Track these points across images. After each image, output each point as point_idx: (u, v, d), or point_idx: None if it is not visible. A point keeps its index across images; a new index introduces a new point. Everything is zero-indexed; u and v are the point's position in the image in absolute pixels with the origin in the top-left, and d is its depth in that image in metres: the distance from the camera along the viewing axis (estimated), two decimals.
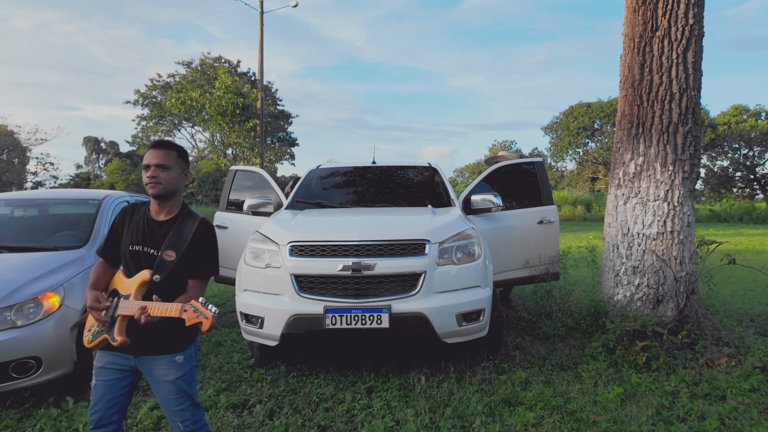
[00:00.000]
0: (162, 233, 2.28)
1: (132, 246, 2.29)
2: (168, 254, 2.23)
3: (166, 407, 2.30)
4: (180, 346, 2.31)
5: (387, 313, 3.72)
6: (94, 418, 2.27)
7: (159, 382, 2.29)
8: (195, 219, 2.33)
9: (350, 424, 3.35)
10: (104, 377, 2.29)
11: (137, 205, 2.44)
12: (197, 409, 2.34)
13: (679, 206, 5.04)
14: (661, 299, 5.06)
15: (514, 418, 3.36)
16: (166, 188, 2.27)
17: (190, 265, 2.28)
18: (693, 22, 5.04)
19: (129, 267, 2.29)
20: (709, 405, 3.53)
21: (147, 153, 2.28)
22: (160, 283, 2.19)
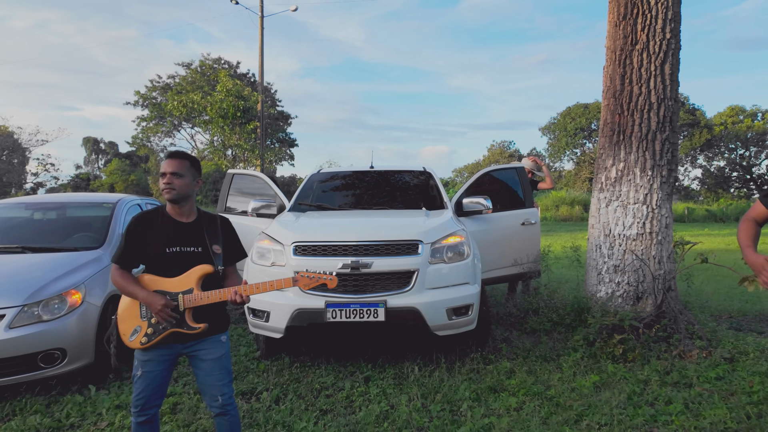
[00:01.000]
0: (196, 233, 2.62)
1: (169, 248, 2.58)
2: (216, 248, 2.59)
3: (209, 383, 2.61)
4: (222, 327, 2.67)
5: (383, 307, 4.06)
6: (140, 404, 2.58)
7: (204, 360, 2.60)
8: (215, 217, 2.71)
9: (349, 409, 3.69)
10: (150, 368, 2.59)
11: (150, 213, 2.70)
12: (232, 386, 2.68)
13: (657, 209, 5.38)
14: (641, 296, 5.40)
15: (498, 403, 3.70)
16: (179, 193, 2.60)
17: (228, 255, 2.67)
18: (670, 37, 5.38)
19: (165, 268, 2.57)
20: (676, 392, 3.87)
21: (163, 162, 2.61)
22: (215, 273, 2.59)
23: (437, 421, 3.40)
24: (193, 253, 2.59)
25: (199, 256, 2.59)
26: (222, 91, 18.96)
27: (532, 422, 3.37)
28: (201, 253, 2.59)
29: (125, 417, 3.53)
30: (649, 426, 3.35)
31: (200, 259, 2.58)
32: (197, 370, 2.65)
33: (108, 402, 3.80)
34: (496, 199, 5.86)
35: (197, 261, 2.58)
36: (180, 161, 2.61)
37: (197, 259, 2.58)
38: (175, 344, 2.59)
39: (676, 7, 5.46)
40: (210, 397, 2.63)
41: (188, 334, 2.55)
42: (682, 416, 3.44)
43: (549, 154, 51.84)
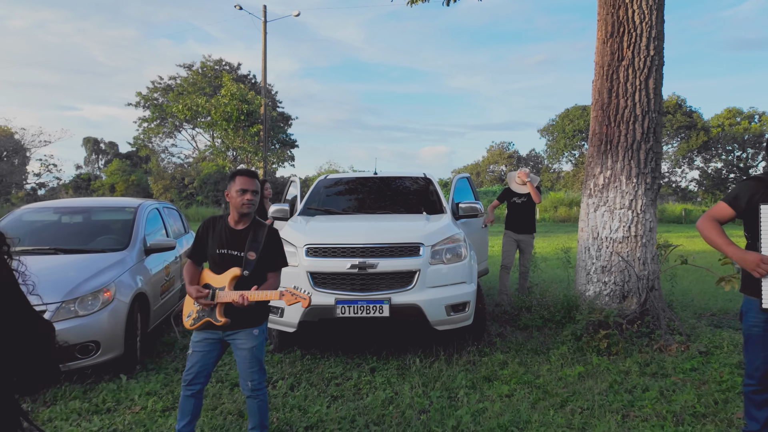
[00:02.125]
0: (242, 239, 3.03)
1: (219, 250, 3.03)
2: (250, 255, 2.99)
3: (242, 369, 3.05)
4: (256, 322, 3.08)
5: (387, 304, 4.47)
6: (189, 378, 3.02)
7: (239, 349, 3.04)
8: (264, 226, 3.10)
9: (357, 395, 4.08)
10: (200, 348, 3.05)
11: (216, 218, 3.18)
12: (263, 374, 3.09)
13: (642, 213, 5.78)
14: (627, 295, 5.80)
15: (492, 390, 4.10)
16: (255, 209, 3.05)
17: (267, 262, 3.05)
18: (653, 54, 5.79)
19: (217, 265, 3.04)
20: (654, 381, 4.27)
21: (241, 179, 3.00)
22: (246, 276, 2.96)
23: (436, 405, 3.80)
24: (234, 256, 3.01)
25: (239, 259, 3.00)
26: (226, 95, 19.38)
27: (521, 407, 3.77)
28: (240, 257, 3.00)
29: (156, 402, 3.93)
30: (627, 410, 3.75)
31: (239, 262, 2.99)
32: (236, 357, 3.09)
33: (139, 389, 4.19)
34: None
35: (237, 263, 2.98)
36: (255, 180, 3.04)
37: (237, 261, 2.99)
38: (217, 331, 3.00)
39: (660, 26, 5.86)
40: (243, 381, 3.05)
41: (218, 325, 2.96)
42: (657, 402, 3.85)
43: (547, 155, 52.27)
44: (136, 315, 4.86)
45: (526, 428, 3.43)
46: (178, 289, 6.13)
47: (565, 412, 3.70)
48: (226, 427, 3.51)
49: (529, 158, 59.37)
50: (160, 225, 6.24)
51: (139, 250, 5.34)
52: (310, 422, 3.57)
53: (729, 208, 3.01)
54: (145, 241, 5.48)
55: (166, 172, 43.69)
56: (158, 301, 5.47)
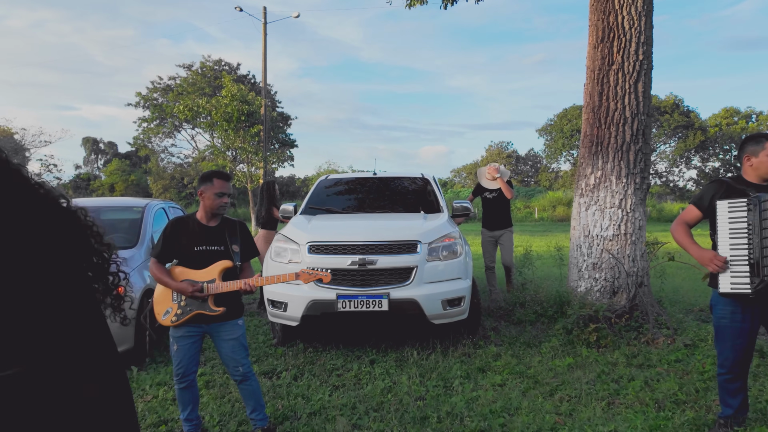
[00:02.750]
0: (218, 235, 3.26)
1: (196, 247, 3.23)
2: (234, 248, 3.21)
3: (230, 358, 3.26)
4: (239, 313, 3.30)
5: (386, 299, 4.68)
6: (180, 372, 3.22)
7: (225, 340, 3.25)
8: (235, 222, 3.35)
9: (358, 385, 4.30)
10: (184, 342, 3.24)
11: (183, 218, 3.37)
12: (249, 359, 3.31)
13: (631, 212, 6.00)
14: (616, 291, 6.02)
15: (486, 380, 4.32)
16: (227, 208, 3.27)
17: (244, 253, 3.29)
18: (642, 58, 6.00)
19: (194, 262, 3.23)
20: (639, 371, 4.49)
21: (219, 182, 3.23)
22: (232, 267, 3.20)
23: (432, 393, 4.02)
24: (214, 251, 3.23)
25: (221, 253, 3.23)
26: (227, 96, 19.60)
27: (512, 394, 3.99)
28: (222, 251, 3.22)
29: (167, 392, 4.15)
30: (612, 398, 3.97)
31: (221, 256, 3.22)
32: (220, 348, 3.29)
33: (149, 380, 4.41)
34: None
35: (219, 257, 3.21)
36: (227, 183, 3.26)
37: (219, 255, 3.22)
38: (201, 324, 3.23)
39: (648, 32, 6.08)
40: (233, 369, 3.27)
41: (210, 316, 3.18)
42: (641, 390, 4.06)
43: (546, 155, 52.48)
44: (146, 310, 5.07)
45: (517, 414, 3.65)
46: None
47: (554, 400, 3.91)
48: (234, 413, 3.72)
49: (528, 158, 59.58)
50: None
51: (147, 248, 5.55)
52: (313, 409, 3.78)
53: (695, 208, 3.27)
54: (153, 239, 5.69)
55: (166, 172, 43.86)
56: None
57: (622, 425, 3.43)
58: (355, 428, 3.46)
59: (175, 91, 39.35)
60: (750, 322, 3.11)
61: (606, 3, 6.07)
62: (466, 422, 3.51)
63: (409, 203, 6.50)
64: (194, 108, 20.91)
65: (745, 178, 3.19)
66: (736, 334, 3.15)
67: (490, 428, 3.43)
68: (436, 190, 6.57)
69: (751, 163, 3.16)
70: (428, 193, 6.58)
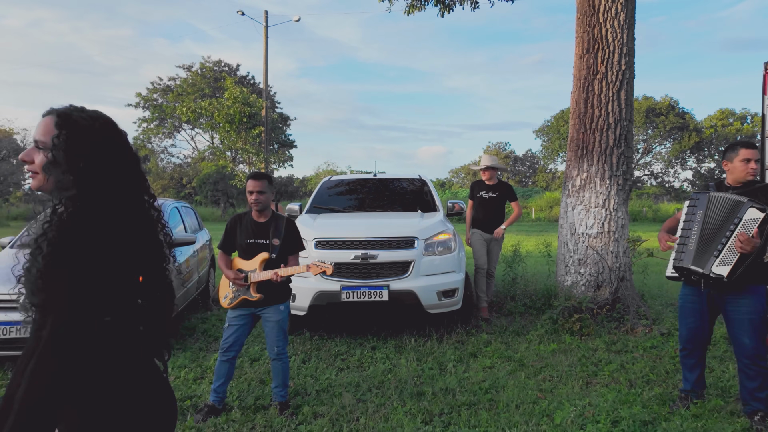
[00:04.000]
0: (265, 229, 3.71)
1: (247, 240, 3.72)
2: (275, 241, 3.66)
3: (270, 337, 3.73)
4: (282, 299, 3.77)
5: (386, 290, 5.12)
6: (226, 346, 3.70)
7: (268, 321, 3.73)
8: (283, 219, 3.80)
9: (361, 368, 4.73)
10: (236, 322, 3.73)
11: (242, 215, 3.88)
12: (287, 342, 3.79)
13: (614, 212, 6.44)
14: (600, 284, 6.46)
15: (477, 364, 4.76)
16: (263, 205, 3.73)
17: (288, 246, 3.74)
18: (625, 68, 6.45)
19: (246, 253, 3.73)
20: (617, 356, 4.93)
21: (249, 182, 3.69)
22: (273, 259, 3.67)
23: (428, 373, 4.46)
24: (261, 244, 3.68)
25: (265, 246, 3.66)
26: (230, 98, 20.04)
27: (500, 375, 4.43)
28: (266, 244, 3.67)
29: (188, 373, 4.57)
30: (590, 378, 4.41)
31: (265, 248, 3.66)
32: (265, 328, 3.77)
33: (170, 364, 4.83)
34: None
35: (264, 249, 3.67)
36: (261, 181, 3.69)
37: (263, 248, 3.67)
38: (249, 308, 3.67)
39: (630, 44, 6.53)
40: (270, 347, 3.73)
41: (252, 301, 3.62)
42: (616, 371, 4.51)
43: (543, 156, 52.97)
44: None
45: (503, 390, 4.09)
46: (196, 280, 6.77)
47: (537, 379, 4.35)
48: (250, 390, 4.15)
49: (526, 158, 60.06)
50: (178, 222, 6.88)
51: None
52: (321, 387, 4.21)
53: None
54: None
55: (165, 172, 44.25)
56: (181, 290, 6.10)
57: (596, 399, 3.87)
58: (360, 402, 3.90)
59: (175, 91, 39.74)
60: (701, 305, 3.56)
61: (591, 17, 6.52)
62: (457, 397, 3.95)
63: (407, 203, 6.94)
64: (197, 110, 21.33)
65: (725, 183, 3.64)
66: (689, 314, 3.62)
67: (479, 402, 3.87)
68: (432, 191, 7.01)
69: (728, 168, 3.61)
70: (425, 193, 7.02)
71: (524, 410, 3.70)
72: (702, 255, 3.48)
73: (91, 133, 1.45)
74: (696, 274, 3.50)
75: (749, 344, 3.46)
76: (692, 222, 3.55)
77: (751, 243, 3.26)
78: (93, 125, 1.46)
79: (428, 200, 6.85)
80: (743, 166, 3.52)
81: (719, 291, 3.50)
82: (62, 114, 1.45)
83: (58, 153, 1.40)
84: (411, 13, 9.17)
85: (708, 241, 3.47)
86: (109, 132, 1.50)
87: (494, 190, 6.69)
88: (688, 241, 3.56)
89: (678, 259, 3.58)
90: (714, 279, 3.42)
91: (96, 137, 1.46)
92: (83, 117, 1.47)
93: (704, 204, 3.50)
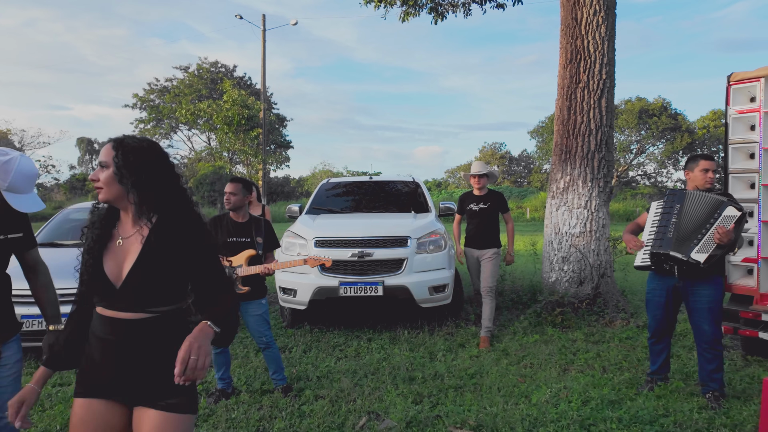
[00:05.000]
0: (246, 229, 4.09)
1: (229, 238, 4.07)
2: (258, 239, 4.03)
3: (255, 330, 4.08)
4: (262, 294, 4.12)
5: (381, 285, 5.52)
6: None
7: (252, 315, 4.07)
8: (261, 219, 4.17)
9: (357, 357, 5.12)
10: None
11: (220, 216, 4.23)
12: (270, 331, 4.14)
13: (595, 212, 6.86)
14: (583, 281, 6.87)
15: (464, 353, 5.16)
16: (234, 205, 4.11)
17: (268, 244, 4.13)
18: (605, 78, 6.86)
19: (227, 250, 4.05)
20: (594, 346, 5.34)
21: (227, 184, 4.10)
22: (257, 255, 4.03)
23: (420, 361, 4.86)
24: (243, 242, 4.07)
25: (246, 244, 4.06)
26: (228, 101, 20.43)
27: (485, 362, 4.83)
28: (249, 242, 4.06)
29: None
30: (567, 365, 4.81)
31: (248, 246, 4.06)
32: (247, 322, 4.10)
33: None
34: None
35: (246, 247, 4.06)
36: (235, 185, 4.08)
37: (246, 246, 4.06)
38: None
39: (611, 54, 6.95)
40: (258, 339, 4.10)
41: (240, 295, 4.00)
42: (592, 359, 4.92)
43: (538, 156, 53.45)
44: None
45: (487, 376, 4.49)
46: None
47: (519, 366, 4.76)
48: (257, 376, 4.54)
49: (521, 159, 60.52)
50: None
51: None
52: (321, 373, 4.61)
53: (645, 213, 4.15)
54: None
55: None
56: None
57: (571, 383, 4.28)
58: (356, 386, 4.29)
59: (172, 92, 40.01)
60: (666, 298, 3.97)
61: (574, 29, 6.93)
62: (445, 381, 4.35)
63: (401, 204, 7.34)
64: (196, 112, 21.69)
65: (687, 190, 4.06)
66: (656, 306, 4.02)
67: (465, 385, 4.27)
68: (424, 192, 7.42)
69: (689, 177, 4.04)
70: (418, 195, 7.42)
71: (505, 392, 4.11)
72: (682, 243, 3.85)
73: (140, 152, 1.84)
74: (673, 260, 3.87)
75: (709, 330, 3.87)
76: (670, 214, 3.93)
77: (728, 235, 3.67)
78: (141, 146, 1.85)
79: (421, 201, 7.25)
80: (702, 175, 3.94)
81: (688, 279, 3.89)
82: (117, 140, 1.85)
83: (117, 168, 1.79)
84: (406, 20, 9.58)
85: (687, 230, 3.85)
86: (155, 151, 1.89)
87: (485, 200, 5.90)
88: (667, 231, 3.92)
89: (657, 245, 3.92)
90: (689, 265, 3.80)
91: (145, 156, 1.85)
92: (133, 140, 1.87)
93: (682, 199, 3.90)
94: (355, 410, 3.81)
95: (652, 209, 4.11)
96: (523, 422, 3.51)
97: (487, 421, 3.53)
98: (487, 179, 6.01)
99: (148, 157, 1.84)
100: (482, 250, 5.77)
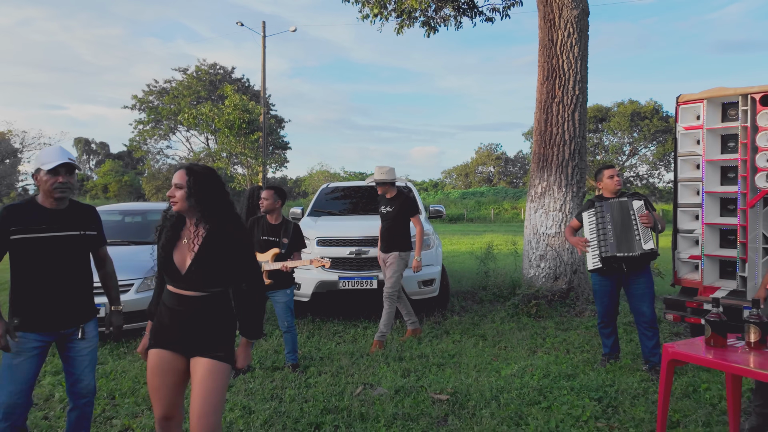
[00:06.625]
0: (277, 230, 4.80)
1: (263, 237, 4.80)
2: (284, 240, 4.76)
3: (280, 315, 4.82)
4: (288, 284, 4.85)
5: (376, 279, 6.25)
6: None
7: (277, 302, 4.81)
8: (291, 222, 4.88)
9: (354, 342, 5.85)
10: None
11: (260, 217, 4.95)
12: (293, 317, 4.87)
13: (569, 215, 7.60)
14: (558, 276, 7.63)
15: (448, 338, 5.90)
16: (266, 208, 4.82)
17: (293, 244, 4.83)
18: (579, 94, 7.61)
19: (261, 247, 4.79)
20: (562, 332, 6.08)
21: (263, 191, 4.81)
22: (282, 253, 4.75)
23: (408, 344, 5.60)
24: (273, 242, 4.78)
25: (276, 243, 4.78)
26: (230, 105, 21.17)
27: (466, 345, 5.57)
28: (277, 242, 4.78)
29: None
30: (536, 347, 5.56)
31: (277, 245, 4.77)
32: (276, 309, 4.84)
33: None
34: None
35: (276, 246, 4.77)
36: (268, 191, 4.81)
37: (275, 245, 4.78)
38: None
39: (584, 72, 7.70)
40: (281, 323, 4.83)
41: (268, 286, 4.73)
42: (558, 342, 5.66)
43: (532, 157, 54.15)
44: None
45: (465, 356, 5.23)
46: None
47: (494, 348, 5.50)
48: (268, 357, 5.27)
49: (517, 159, 61.37)
50: None
51: None
52: (323, 354, 5.34)
53: (575, 220, 4.90)
54: None
55: (161, 173, 45.16)
56: None
57: (536, 361, 5.02)
58: (353, 364, 5.02)
59: (171, 94, 40.63)
60: (611, 288, 4.73)
61: (550, 49, 7.68)
62: (430, 360, 5.09)
63: None
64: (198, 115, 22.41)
65: (603, 195, 4.82)
66: (603, 295, 4.77)
67: (446, 363, 5.01)
68: (416, 196, 8.15)
69: (601, 185, 4.84)
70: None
71: (480, 368, 4.85)
72: (623, 243, 4.60)
73: (205, 177, 2.57)
74: (622, 259, 4.61)
75: (647, 312, 4.63)
76: (605, 222, 4.70)
77: (650, 218, 4.48)
78: (206, 173, 2.58)
79: None
80: (611, 181, 4.75)
81: (632, 270, 4.63)
82: (188, 167, 2.58)
83: (189, 189, 2.52)
84: (400, 33, 10.34)
85: (622, 232, 4.61)
86: (214, 177, 2.62)
87: (391, 204, 5.80)
88: (607, 237, 4.69)
89: (604, 251, 4.67)
90: (636, 259, 4.55)
91: (208, 180, 2.57)
92: (200, 167, 2.60)
93: (609, 209, 4.67)
94: (353, 382, 4.54)
95: (585, 219, 4.85)
96: (491, 390, 4.24)
97: (462, 389, 4.27)
98: (389, 186, 5.87)
99: (210, 181, 2.57)
100: (386, 254, 5.77)
